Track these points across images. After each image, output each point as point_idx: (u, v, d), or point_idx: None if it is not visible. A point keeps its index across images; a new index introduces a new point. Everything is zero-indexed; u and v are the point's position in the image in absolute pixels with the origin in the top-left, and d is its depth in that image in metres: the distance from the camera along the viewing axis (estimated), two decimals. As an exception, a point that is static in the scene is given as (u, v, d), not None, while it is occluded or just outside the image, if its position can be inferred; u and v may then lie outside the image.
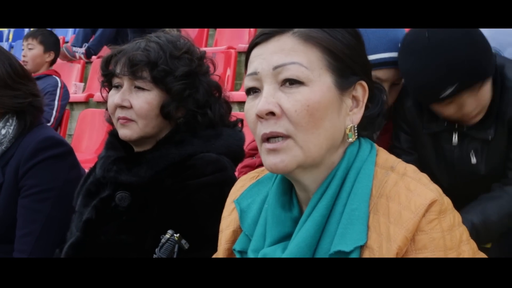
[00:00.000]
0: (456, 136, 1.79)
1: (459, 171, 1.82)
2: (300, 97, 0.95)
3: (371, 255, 0.92)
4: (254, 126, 0.99)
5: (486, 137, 1.73)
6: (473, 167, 1.79)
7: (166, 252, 1.21)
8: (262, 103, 0.95)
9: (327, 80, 0.97)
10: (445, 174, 1.85)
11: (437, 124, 1.78)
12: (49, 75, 4.26)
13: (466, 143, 1.78)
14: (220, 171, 1.49)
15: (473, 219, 1.68)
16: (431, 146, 1.84)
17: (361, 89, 1.02)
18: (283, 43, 0.97)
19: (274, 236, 1.02)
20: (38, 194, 1.77)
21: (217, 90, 1.62)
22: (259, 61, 0.98)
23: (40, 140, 1.81)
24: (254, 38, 1.02)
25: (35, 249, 1.74)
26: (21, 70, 1.85)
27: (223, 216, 1.18)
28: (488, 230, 1.68)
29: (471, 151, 1.78)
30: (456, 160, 1.81)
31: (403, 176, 0.97)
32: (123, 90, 1.52)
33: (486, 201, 1.74)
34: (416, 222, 0.90)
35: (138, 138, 1.52)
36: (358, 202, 0.96)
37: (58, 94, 4.13)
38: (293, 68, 0.95)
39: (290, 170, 0.97)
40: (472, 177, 1.80)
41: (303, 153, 0.96)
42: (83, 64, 5.81)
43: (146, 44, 1.53)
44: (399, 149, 1.90)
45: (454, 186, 1.81)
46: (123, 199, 1.49)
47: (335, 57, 0.98)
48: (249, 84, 1.00)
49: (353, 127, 1.00)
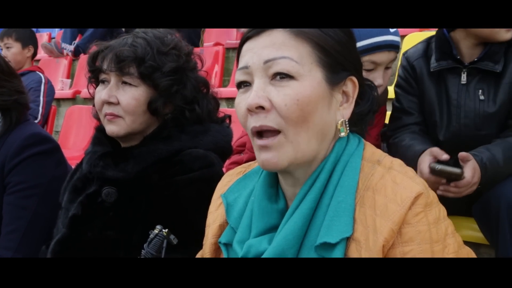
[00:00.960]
0: (465, 74, 1.86)
1: (466, 112, 1.87)
2: (290, 91, 0.95)
3: (357, 247, 0.93)
4: (244, 119, 1.00)
5: (495, 69, 1.81)
6: (480, 105, 1.85)
7: (154, 248, 1.20)
8: (252, 97, 0.96)
9: (317, 75, 0.97)
10: (448, 121, 1.90)
11: (447, 62, 1.88)
12: (33, 71, 4.23)
13: (474, 83, 1.86)
14: (207, 167, 1.49)
15: (482, 156, 1.74)
16: (435, 92, 1.92)
17: (352, 85, 1.03)
18: (274, 38, 0.98)
19: (260, 228, 1.02)
20: (24, 190, 1.77)
21: (204, 86, 1.62)
22: (250, 55, 0.99)
23: (26, 136, 1.80)
24: (246, 32, 1.03)
25: (20, 246, 1.73)
26: (5, 67, 1.84)
27: (210, 211, 1.19)
28: (495, 168, 1.73)
29: (479, 91, 1.86)
30: (463, 101, 1.87)
31: (390, 170, 0.98)
32: (110, 86, 1.51)
33: (491, 146, 1.80)
34: (402, 214, 0.91)
35: (125, 134, 1.52)
36: (344, 194, 0.96)
37: (42, 90, 4.10)
38: (284, 62, 0.96)
39: (282, 167, 0.98)
40: (478, 119, 1.86)
41: (293, 149, 0.96)
42: (69, 60, 5.77)
43: (133, 40, 1.53)
44: (399, 110, 1.97)
45: (457, 136, 1.88)
46: (109, 195, 1.48)
47: (326, 52, 0.99)
48: (240, 77, 1.01)
49: (344, 122, 1.01)
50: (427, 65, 1.94)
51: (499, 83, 1.84)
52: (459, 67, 1.87)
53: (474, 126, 1.86)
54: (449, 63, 1.88)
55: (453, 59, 1.88)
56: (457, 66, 1.88)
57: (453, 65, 1.88)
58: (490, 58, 1.83)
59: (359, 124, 1.07)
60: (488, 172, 1.72)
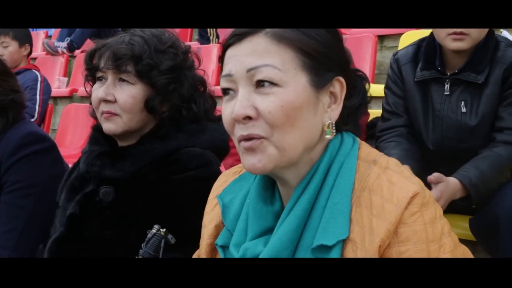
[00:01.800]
0: (448, 85, 1.84)
1: (448, 123, 1.85)
2: (273, 98, 0.94)
3: (353, 248, 0.93)
4: (231, 128, 0.99)
5: (477, 80, 1.78)
6: (462, 118, 1.83)
7: (152, 247, 1.20)
8: (237, 107, 0.95)
9: (301, 80, 0.97)
10: (431, 131, 1.89)
11: (430, 72, 1.86)
12: (29, 69, 4.21)
13: (457, 93, 1.83)
14: (204, 165, 1.49)
15: (471, 176, 1.71)
16: (420, 101, 1.90)
17: (339, 85, 1.01)
18: (256, 44, 0.97)
19: (256, 231, 1.02)
20: (21, 190, 1.76)
21: (202, 84, 1.62)
22: (233, 62, 0.98)
23: (23, 135, 1.79)
24: (227, 39, 1.01)
25: (18, 245, 1.72)
26: (1, 66, 1.83)
27: (206, 211, 1.18)
28: (486, 185, 1.72)
29: (462, 102, 1.83)
30: (445, 112, 1.85)
31: (385, 169, 0.97)
32: (107, 84, 1.51)
33: (478, 160, 1.77)
34: (398, 214, 0.91)
35: (122, 132, 1.52)
36: (340, 195, 0.96)
37: (38, 88, 4.09)
38: (266, 70, 0.95)
39: (268, 170, 0.97)
40: (460, 132, 1.84)
41: (278, 153, 0.96)
42: (66, 58, 5.75)
43: (131, 38, 1.53)
44: (389, 112, 1.97)
45: (440, 146, 1.87)
46: (107, 194, 1.48)
47: (309, 56, 0.97)
48: (224, 85, 1.00)
49: (330, 124, 1.00)
50: (414, 71, 1.92)
51: (481, 94, 1.80)
52: (442, 78, 1.85)
53: (456, 138, 1.85)
54: (432, 73, 1.86)
55: (435, 69, 1.86)
56: (440, 77, 1.85)
57: (436, 76, 1.85)
58: (473, 68, 1.79)
59: (351, 119, 1.05)
60: (480, 191, 1.70)
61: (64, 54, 5.73)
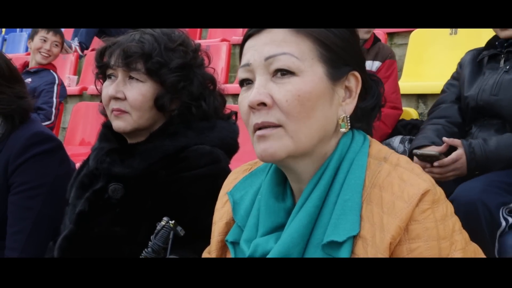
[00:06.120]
0: (503, 60, 2.07)
1: (488, 80, 2.05)
2: (291, 87, 0.95)
3: (364, 245, 0.93)
4: (247, 117, 1.00)
5: None
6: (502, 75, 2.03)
7: (161, 239, 1.20)
8: (253, 94, 0.96)
9: (318, 71, 0.97)
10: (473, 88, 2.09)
11: (488, 51, 2.11)
12: (47, 69, 4.18)
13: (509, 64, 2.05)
14: (214, 163, 1.49)
15: (472, 141, 1.87)
16: (471, 71, 2.14)
17: (354, 80, 1.02)
18: (274, 35, 0.98)
19: (267, 227, 1.02)
20: (28, 191, 1.76)
21: (211, 82, 1.62)
22: (252, 52, 0.99)
23: (29, 136, 1.78)
24: (248, 30, 1.03)
25: (26, 246, 1.73)
26: (7, 72, 1.80)
27: (216, 208, 1.18)
28: (486, 151, 1.84)
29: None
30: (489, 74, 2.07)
31: (396, 167, 0.97)
32: (117, 81, 1.51)
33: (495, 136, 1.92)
34: (409, 211, 0.91)
35: (132, 130, 1.52)
36: (351, 192, 0.96)
37: (55, 91, 4.07)
38: (284, 58, 0.96)
39: (279, 158, 0.97)
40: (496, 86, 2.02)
41: (293, 143, 0.96)
42: (76, 56, 5.78)
43: (141, 36, 1.53)
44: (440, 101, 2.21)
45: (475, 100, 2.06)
46: (116, 191, 1.49)
47: (327, 47, 0.98)
48: (242, 75, 1.01)
49: (345, 117, 1.01)
50: (471, 56, 2.18)
51: None
52: (498, 54, 2.08)
53: (490, 91, 2.01)
54: (490, 51, 2.10)
55: (494, 47, 2.10)
56: (496, 53, 2.08)
57: (493, 52, 2.09)
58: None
59: (364, 119, 1.06)
60: (477, 155, 1.83)
61: (75, 53, 5.76)
